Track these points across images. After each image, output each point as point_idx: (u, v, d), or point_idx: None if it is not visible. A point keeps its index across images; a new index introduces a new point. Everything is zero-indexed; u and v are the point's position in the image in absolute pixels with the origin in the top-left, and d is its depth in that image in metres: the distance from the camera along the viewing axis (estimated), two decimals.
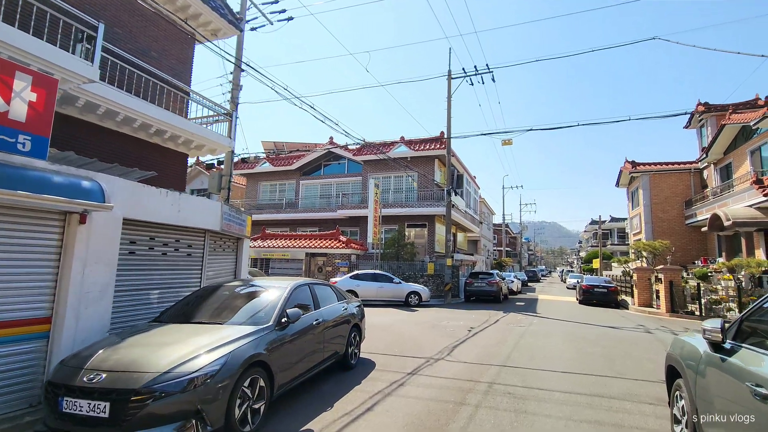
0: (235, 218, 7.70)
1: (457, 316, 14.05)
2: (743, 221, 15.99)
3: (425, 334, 10.04)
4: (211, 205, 6.98)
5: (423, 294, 17.25)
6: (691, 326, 12.71)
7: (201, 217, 6.65)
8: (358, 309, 7.09)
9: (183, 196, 6.22)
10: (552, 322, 12.83)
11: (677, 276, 16.06)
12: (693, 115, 23.82)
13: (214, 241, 7.28)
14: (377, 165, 24.95)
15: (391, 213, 23.15)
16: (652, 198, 24.96)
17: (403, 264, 21.10)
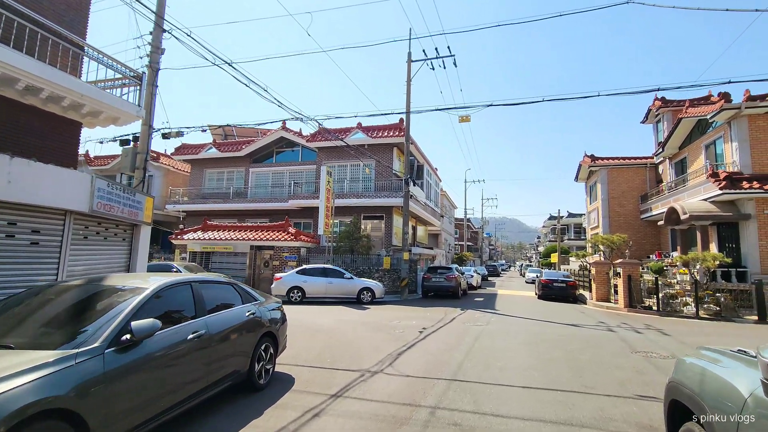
0: (122, 198, 6.02)
1: (410, 314, 12.87)
2: (699, 215, 15.80)
3: (370, 337, 8.73)
4: (73, 178, 5.27)
5: (376, 290, 15.98)
6: (651, 322, 12.19)
7: (55, 193, 4.96)
8: (274, 313, 5.63)
9: (18, 162, 4.50)
10: (511, 321, 11.90)
11: (636, 270, 15.68)
12: (650, 110, 23.90)
13: (84, 227, 5.58)
14: (333, 152, 23.36)
15: (346, 204, 21.68)
16: (609, 192, 24.94)
17: (358, 258, 19.74)
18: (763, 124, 15.66)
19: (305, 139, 23.54)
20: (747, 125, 15.77)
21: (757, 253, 14.95)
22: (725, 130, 16.68)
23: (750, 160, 15.62)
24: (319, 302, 15.78)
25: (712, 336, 9.97)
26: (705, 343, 8.78)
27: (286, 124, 24.99)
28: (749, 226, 15.20)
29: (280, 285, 15.58)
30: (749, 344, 8.22)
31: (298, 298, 15.47)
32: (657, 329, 10.74)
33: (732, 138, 16.17)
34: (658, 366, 6.63)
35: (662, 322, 12.28)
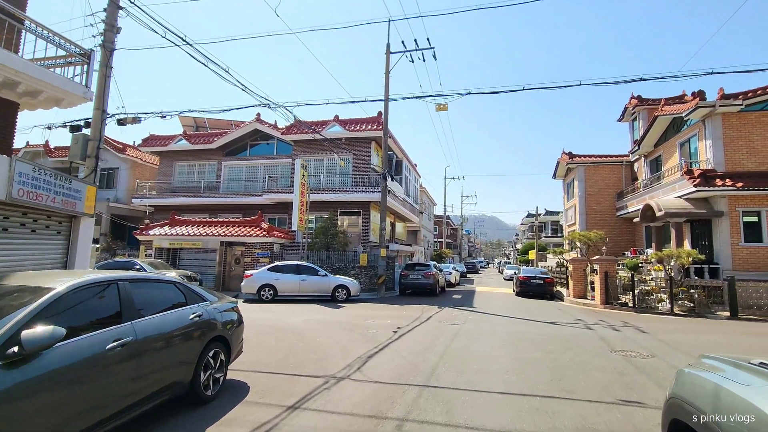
0: (53, 186, 5.30)
1: (386, 312, 12.40)
2: (674, 212, 15.89)
3: (341, 338, 8.20)
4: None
5: (352, 288, 15.45)
6: (627, 319, 12.08)
7: None
8: (228, 314, 5.04)
9: None
10: (488, 319, 11.58)
11: (612, 267, 15.65)
12: (626, 108, 24.09)
13: (4, 217, 4.83)
14: (309, 146, 22.66)
15: (322, 198, 21.05)
16: (586, 189, 25.08)
17: (334, 254, 19.16)
18: (735, 122, 15.84)
19: (280, 132, 22.73)
20: (721, 123, 15.92)
21: (729, 250, 15.12)
22: (700, 128, 16.83)
23: (723, 158, 15.78)
24: (292, 300, 15.15)
25: (689, 333, 9.87)
26: (682, 341, 8.68)
27: (260, 116, 24.11)
28: (722, 223, 15.36)
29: (251, 283, 14.87)
30: (725, 339, 8.02)
31: (270, 297, 14.79)
32: (634, 326, 10.60)
33: (706, 136, 16.32)
34: (638, 366, 6.35)
35: (638, 319, 12.20)
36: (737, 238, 15.14)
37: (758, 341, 8.91)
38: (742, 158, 15.68)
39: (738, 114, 15.82)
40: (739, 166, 15.65)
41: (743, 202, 15.23)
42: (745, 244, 15.06)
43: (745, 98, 15.33)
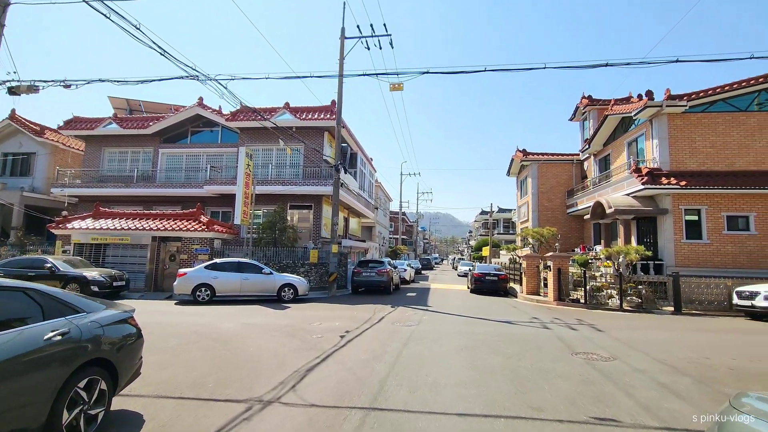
0: None
1: (335, 313, 11.44)
2: (623, 209, 16.15)
3: (279, 346, 7.16)
4: None
5: (299, 287, 14.33)
6: (580, 316, 11.93)
7: None
8: (115, 329, 3.88)
9: None
10: (443, 319, 10.95)
11: (565, 264, 15.65)
12: (578, 108, 24.59)
13: None
14: (257, 135, 21.09)
15: (271, 191, 19.63)
16: (539, 187, 25.42)
17: (282, 251, 17.87)
18: (680, 123, 16.33)
19: (225, 118, 20.97)
20: (666, 124, 16.36)
21: (672, 247, 15.57)
22: (647, 127, 17.25)
23: (668, 157, 16.23)
24: (233, 301, 13.80)
25: (642, 330, 9.75)
26: (638, 339, 8.40)
27: (203, 100, 22.16)
28: (666, 220, 15.79)
29: (184, 282, 13.34)
30: (676, 336, 7.73)
31: (207, 298, 13.34)
32: (589, 324, 10.38)
33: (653, 135, 16.73)
34: (603, 371, 5.86)
35: (591, 316, 12.10)
36: (680, 236, 15.62)
37: (709, 338, 8.89)
38: (685, 158, 16.21)
39: (682, 115, 16.32)
40: (683, 165, 16.17)
41: (686, 201, 15.73)
42: (687, 241, 15.57)
43: (689, 99, 15.82)
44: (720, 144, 16.10)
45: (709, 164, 16.06)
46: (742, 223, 15.51)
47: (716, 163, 16.04)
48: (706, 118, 16.26)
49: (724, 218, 15.51)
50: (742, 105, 16.21)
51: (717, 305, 13.65)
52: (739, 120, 16.11)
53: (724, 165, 16.00)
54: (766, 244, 15.21)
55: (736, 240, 15.37)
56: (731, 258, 15.30)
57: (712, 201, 15.61)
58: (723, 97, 16.13)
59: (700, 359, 6.73)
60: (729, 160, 16.01)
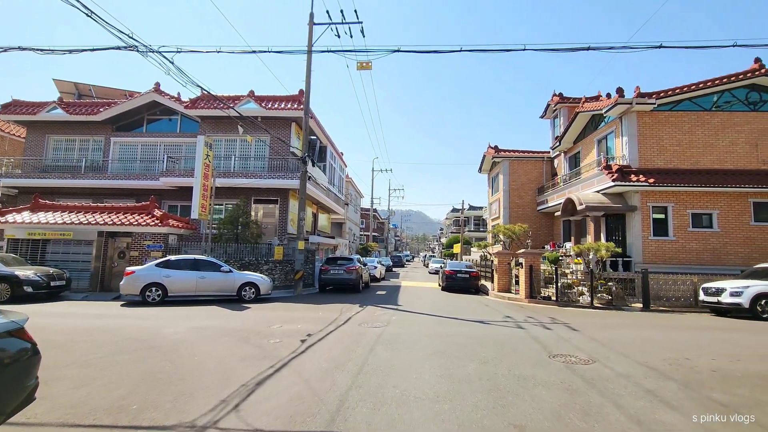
0: None
1: (299, 314, 10.64)
2: (593, 205, 16.11)
3: (229, 354, 6.33)
4: None
5: (262, 285, 13.42)
6: (553, 314, 11.64)
7: None
8: None
9: None
10: (414, 319, 10.36)
11: (537, 261, 15.44)
12: (549, 105, 24.64)
13: None
14: (219, 124, 19.86)
15: (233, 184, 18.50)
16: (510, 183, 25.37)
17: (245, 248, 16.81)
18: (648, 121, 16.45)
19: (184, 105, 19.58)
20: (636, 121, 16.43)
21: (641, 244, 15.66)
22: (617, 125, 17.31)
23: (637, 154, 16.31)
24: (189, 302, 12.72)
25: (616, 329, 9.50)
26: (614, 339, 8.09)
27: (160, 86, 20.65)
28: (635, 217, 15.86)
29: (132, 281, 12.16)
30: (653, 335, 7.40)
31: (158, 298, 12.22)
32: (563, 323, 10.06)
33: (622, 133, 16.79)
34: (586, 378, 5.40)
35: (563, 314, 11.85)
36: (647, 232, 15.73)
37: (683, 336, 8.70)
38: (653, 156, 16.34)
39: (650, 113, 16.44)
40: (651, 163, 16.29)
41: (653, 198, 15.85)
42: (654, 238, 15.70)
43: (657, 97, 15.93)
44: (686, 142, 16.32)
45: (676, 162, 16.26)
46: (706, 220, 15.78)
47: (682, 161, 16.26)
48: (673, 117, 16.44)
49: (689, 215, 15.74)
50: (706, 105, 16.50)
51: (684, 302, 13.76)
52: (703, 119, 16.39)
53: (690, 163, 16.23)
54: (727, 242, 15.52)
55: (701, 237, 15.62)
56: (696, 255, 15.53)
57: (678, 198, 15.80)
58: (689, 96, 16.35)
59: (680, 360, 6.42)
60: (694, 158, 16.26)
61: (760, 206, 15.66)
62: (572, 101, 22.99)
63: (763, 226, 15.53)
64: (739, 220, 15.59)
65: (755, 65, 16.20)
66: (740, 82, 16.16)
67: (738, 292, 11.42)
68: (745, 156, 16.15)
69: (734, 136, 16.22)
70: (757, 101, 16.39)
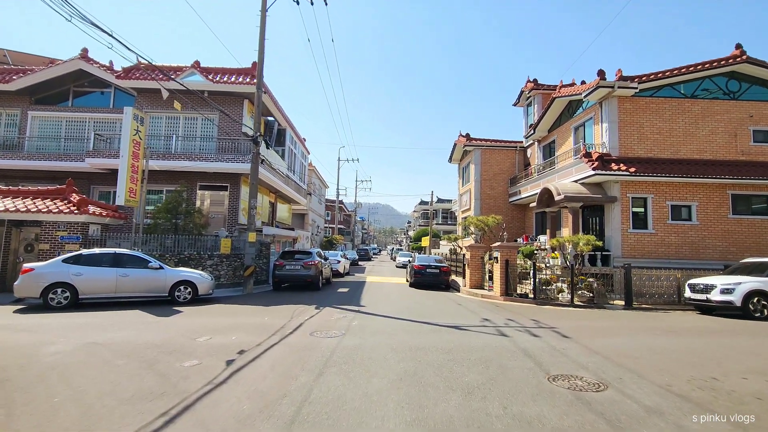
0: None
1: (239, 320, 8.76)
2: (572, 196, 15.03)
3: (111, 389, 4.44)
4: None
5: (200, 284, 11.40)
6: (534, 314, 10.37)
7: None
8: None
9: None
10: (378, 325, 8.73)
11: (513, 255, 14.21)
12: (522, 92, 23.56)
13: None
14: (159, 99, 17.33)
15: (176, 167, 16.16)
16: (482, 173, 24.20)
17: (185, 240, 14.59)
18: (629, 107, 15.53)
19: (115, 75, 16.90)
20: (617, 107, 15.47)
21: (620, 237, 14.76)
22: (596, 111, 16.32)
23: (618, 142, 15.37)
24: (107, 305, 10.51)
25: (613, 335, 8.27)
26: (616, 349, 6.61)
27: (88, 52, 17.81)
28: (614, 209, 14.93)
29: (30, 281, 9.81)
30: (659, 343, 6.04)
31: (64, 302, 9.94)
32: (549, 327, 8.76)
33: (602, 119, 15.80)
34: (608, 417, 3.94)
35: (545, 314, 10.61)
36: (627, 225, 14.85)
37: (689, 344, 7.54)
38: (633, 144, 15.45)
39: (631, 99, 15.52)
40: (631, 151, 15.40)
41: (633, 189, 14.97)
42: (633, 231, 14.84)
43: (640, 81, 14.99)
44: (666, 131, 15.53)
45: (656, 151, 15.44)
46: (685, 212, 15.08)
47: (662, 150, 15.46)
48: (654, 103, 15.60)
49: (669, 207, 14.98)
50: (687, 91, 15.76)
51: (666, 298, 12.93)
52: (684, 107, 15.64)
53: (670, 153, 15.46)
54: (706, 235, 14.89)
55: (680, 230, 14.89)
56: (675, 249, 14.80)
57: (658, 189, 14.99)
58: (671, 81, 15.54)
59: (708, 381, 5.13)
60: (674, 147, 15.50)
61: (738, 198, 15.12)
62: (547, 88, 21.99)
63: (741, 219, 15.00)
64: (718, 213, 14.98)
65: (736, 51, 15.59)
66: (721, 68, 15.50)
67: (729, 289, 10.55)
68: (725, 146, 15.55)
69: (714, 125, 15.57)
70: (737, 90, 15.82)
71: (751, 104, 15.70)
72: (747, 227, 14.93)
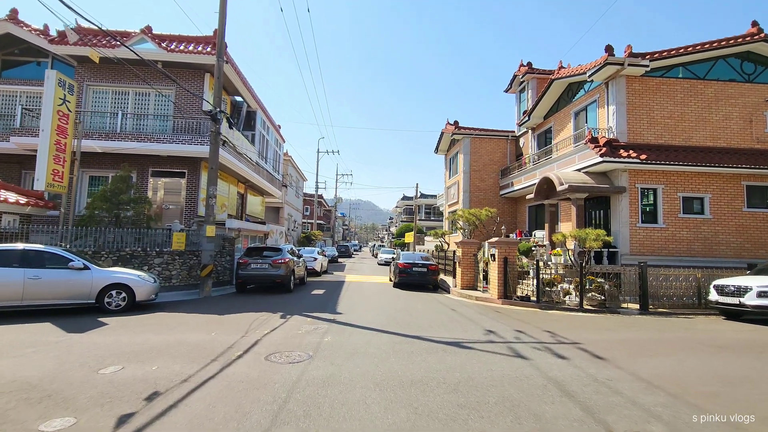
0: None
1: (173, 338, 6.69)
2: (578, 185, 13.42)
3: None
4: None
5: (139, 288, 9.24)
6: (544, 323, 8.66)
7: None
8: None
9: None
10: (357, 342, 6.82)
11: (513, 251, 12.50)
12: (515, 77, 21.93)
13: None
14: (105, 71, 14.92)
15: (122, 149, 13.82)
16: (471, 164, 22.50)
17: (129, 234, 12.31)
18: (638, 87, 14.01)
19: (49, 40, 14.34)
20: (625, 87, 13.92)
21: (628, 232, 13.25)
22: (601, 92, 14.75)
23: (626, 126, 13.84)
24: (13, 315, 8.25)
25: (652, 353, 6.60)
26: (675, 376, 3.43)
27: (18, 13, 15.18)
28: (622, 201, 13.40)
29: None
30: (706, 363, 4.27)
31: None
32: (570, 342, 7.03)
33: (609, 101, 14.23)
34: None
35: (556, 323, 8.92)
36: (635, 219, 13.36)
37: (755, 367, 5.91)
38: (642, 129, 13.95)
39: (641, 79, 14.01)
40: (640, 137, 13.89)
41: (643, 178, 13.48)
42: (642, 225, 13.37)
43: (651, 58, 13.47)
44: (678, 115, 14.08)
45: (667, 137, 13.98)
46: (698, 205, 13.68)
47: (674, 136, 14.01)
48: (665, 84, 14.12)
49: (680, 199, 13.55)
50: (700, 72, 14.34)
51: (685, 301, 11.45)
52: (697, 89, 14.22)
53: (681, 139, 14.03)
54: (719, 230, 13.53)
55: (692, 224, 13.49)
56: (686, 245, 13.40)
57: (669, 179, 13.55)
58: (683, 61, 14.09)
59: None
60: (686, 133, 14.07)
61: (753, 190, 13.82)
62: (543, 72, 20.41)
63: (756, 212, 13.70)
64: (732, 206, 13.64)
65: (752, 29, 14.24)
66: (736, 47, 14.14)
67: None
68: (739, 132, 14.21)
69: (728, 109, 14.21)
70: (752, 72, 14.50)
71: (767, 87, 14.41)
72: (762, 222, 13.65)
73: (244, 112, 18.84)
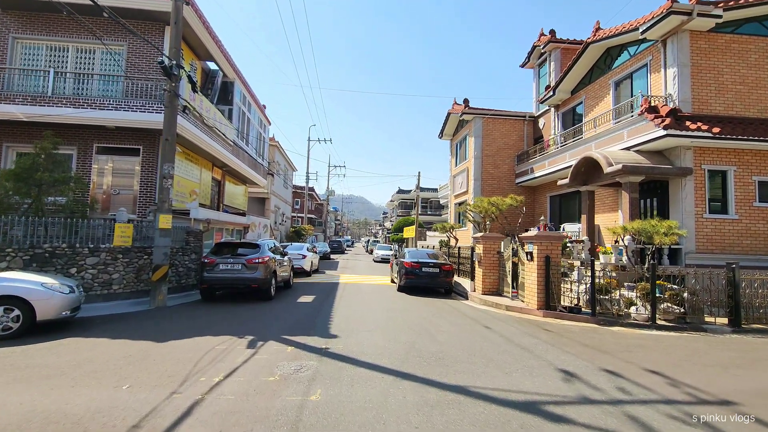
0: None
1: (55, 397, 3.81)
2: (634, 166, 10.72)
3: None
4: None
5: (40, 302, 6.36)
6: (629, 349, 5.97)
7: None
8: None
9: None
10: (363, 398, 4.00)
11: (556, 248, 9.75)
12: (534, 47, 19.18)
13: None
14: (39, 21, 11.88)
15: (56, 117, 10.83)
16: (484, 148, 19.71)
17: (55, 224, 9.31)
18: (704, 46, 11.33)
19: None
20: (688, 45, 11.23)
21: (693, 224, 10.64)
22: (654, 53, 12.05)
23: (690, 94, 11.16)
24: None
25: None
26: None
27: None
28: (686, 185, 10.76)
29: None
30: None
31: None
32: (721, 402, 4.33)
33: (668, 62, 11.52)
34: None
35: (643, 351, 6.23)
36: (702, 208, 10.75)
37: None
38: (710, 97, 11.29)
39: (708, 35, 11.33)
40: (706, 107, 11.24)
41: (711, 158, 10.86)
42: (710, 216, 10.76)
43: (726, 7, 10.78)
44: (752, 80, 11.45)
45: (739, 108, 11.35)
46: None
47: (747, 106, 11.38)
48: (736, 43, 11.47)
49: (756, 184, 10.96)
50: None
51: None
52: None
53: (756, 110, 11.40)
54: None
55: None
56: (763, 240, 10.83)
57: (742, 160, 10.95)
58: (759, 13, 11.43)
59: None
60: (762, 103, 11.44)
61: None
62: (567, 42, 17.68)
63: None
64: None
65: None
66: None
67: None
68: None
69: None
70: None
71: None
72: None
73: (219, 81, 15.83)
